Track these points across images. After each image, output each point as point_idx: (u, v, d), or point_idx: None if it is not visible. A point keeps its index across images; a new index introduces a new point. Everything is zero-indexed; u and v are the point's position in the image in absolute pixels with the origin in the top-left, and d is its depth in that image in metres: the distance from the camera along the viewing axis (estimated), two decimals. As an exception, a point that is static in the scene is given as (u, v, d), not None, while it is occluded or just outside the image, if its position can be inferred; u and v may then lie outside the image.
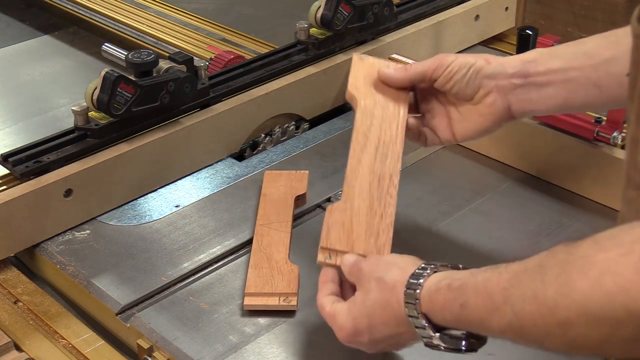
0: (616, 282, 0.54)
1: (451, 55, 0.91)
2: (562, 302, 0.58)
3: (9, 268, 1.03)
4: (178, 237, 1.05)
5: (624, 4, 1.85)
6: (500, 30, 1.54)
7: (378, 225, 0.84)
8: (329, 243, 0.83)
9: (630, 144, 0.65)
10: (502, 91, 0.89)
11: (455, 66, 0.90)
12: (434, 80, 0.91)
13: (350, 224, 0.84)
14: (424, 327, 0.71)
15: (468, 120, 0.91)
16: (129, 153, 1.10)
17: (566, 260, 0.59)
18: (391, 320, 0.74)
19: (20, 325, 0.93)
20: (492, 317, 0.64)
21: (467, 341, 0.71)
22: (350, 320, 0.77)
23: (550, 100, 0.88)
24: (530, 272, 0.61)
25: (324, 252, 0.83)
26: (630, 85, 0.64)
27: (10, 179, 1.06)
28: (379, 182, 0.87)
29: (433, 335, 0.70)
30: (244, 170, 1.19)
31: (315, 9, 1.30)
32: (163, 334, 0.90)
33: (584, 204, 1.09)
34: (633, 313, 0.54)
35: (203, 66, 1.18)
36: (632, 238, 0.56)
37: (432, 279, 0.71)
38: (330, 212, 0.85)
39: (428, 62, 0.92)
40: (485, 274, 0.66)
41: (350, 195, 0.86)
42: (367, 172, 0.88)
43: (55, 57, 1.63)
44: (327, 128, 1.30)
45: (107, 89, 1.05)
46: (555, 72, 0.87)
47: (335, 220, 0.84)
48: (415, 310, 0.71)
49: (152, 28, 1.56)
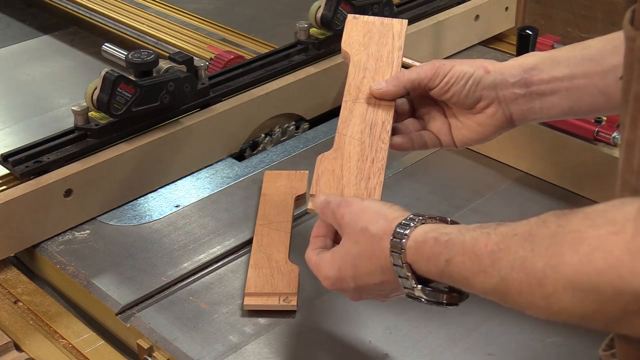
0: (606, 260, 0.54)
1: (447, 64, 0.87)
2: (550, 274, 0.58)
3: (9, 268, 1.03)
4: (178, 237, 1.05)
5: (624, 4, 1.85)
6: (500, 30, 1.54)
7: (369, 170, 0.83)
8: (318, 189, 0.81)
9: (625, 147, 0.65)
10: (504, 102, 0.86)
11: (453, 76, 0.86)
12: (430, 89, 0.88)
13: (341, 171, 0.83)
14: (407, 277, 0.70)
15: (468, 129, 0.88)
16: (129, 153, 1.10)
17: (557, 232, 0.59)
18: (376, 270, 0.73)
19: (20, 325, 0.93)
20: (476, 277, 0.64)
21: (448, 295, 0.71)
22: (336, 269, 0.76)
23: (554, 109, 0.86)
24: (519, 238, 0.61)
25: (314, 200, 0.81)
26: (623, 88, 0.64)
27: (10, 179, 1.06)
28: (370, 129, 0.86)
29: (415, 286, 0.70)
30: (244, 170, 1.19)
31: (315, 9, 1.30)
32: (163, 334, 0.90)
33: (583, 204, 1.08)
34: (620, 291, 0.54)
35: (203, 66, 1.18)
36: (623, 216, 0.55)
37: (419, 229, 0.71)
38: (320, 160, 0.84)
39: (423, 69, 0.87)
40: (473, 232, 0.66)
41: (341, 143, 0.85)
42: (358, 121, 0.87)
43: (55, 57, 1.63)
44: (327, 128, 1.30)
45: (107, 89, 1.05)
46: (560, 79, 0.84)
47: (325, 168, 0.83)
48: (400, 260, 0.70)
49: (152, 28, 1.56)
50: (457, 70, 0.86)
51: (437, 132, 0.90)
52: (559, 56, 0.86)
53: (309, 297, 0.94)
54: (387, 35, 0.95)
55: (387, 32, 0.95)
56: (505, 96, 0.86)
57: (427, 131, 0.90)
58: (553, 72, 0.85)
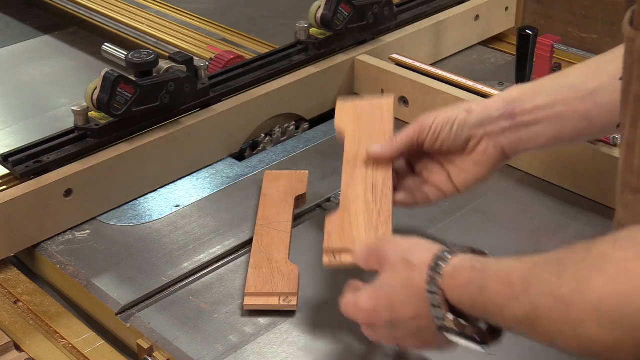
0: (631, 283, 0.53)
1: (430, 116, 0.91)
2: (576, 299, 0.57)
3: (9, 268, 1.03)
4: (178, 237, 1.05)
5: (623, 4, 1.85)
6: (500, 30, 1.54)
7: (376, 221, 0.86)
8: (331, 244, 0.85)
9: (625, 148, 0.65)
10: (492, 136, 0.89)
11: (438, 125, 0.90)
12: (421, 143, 0.91)
13: (350, 225, 0.86)
14: (439, 305, 0.69)
15: (466, 171, 0.91)
16: (129, 153, 1.10)
17: (584, 257, 0.58)
18: (411, 301, 0.73)
19: (20, 325, 0.93)
20: (509, 305, 0.63)
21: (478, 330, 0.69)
22: (372, 301, 0.76)
23: (541, 138, 0.88)
24: (549, 265, 0.61)
25: (328, 254, 0.84)
26: (623, 89, 0.64)
27: (10, 179, 1.06)
28: (372, 188, 0.90)
29: (446, 315, 0.69)
30: (244, 170, 1.19)
31: (315, 9, 1.30)
32: (163, 334, 0.90)
33: (584, 204, 1.09)
34: None
35: (203, 66, 1.18)
36: None
37: (457, 258, 0.71)
38: (329, 219, 0.87)
39: (410, 129, 0.91)
40: (508, 261, 0.65)
41: (346, 204, 0.89)
42: (360, 183, 0.91)
43: (55, 57, 1.62)
44: (327, 128, 1.30)
45: (107, 89, 1.05)
46: (542, 108, 0.87)
47: (334, 227, 0.86)
48: (435, 286, 0.70)
49: (152, 28, 1.56)
50: (441, 119, 0.90)
51: (437, 184, 0.92)
52: (541, 86, 0.89)
53: (309, 297, 0.94)
54: (377, 111, 1.01)
55: (376, 108, 1.01)
56: (492, 131, 0.88)
57: (428, 185, 0.93)
58: (535, 102, 0.88)
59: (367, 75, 1.32)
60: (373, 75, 1.31)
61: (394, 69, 1.30)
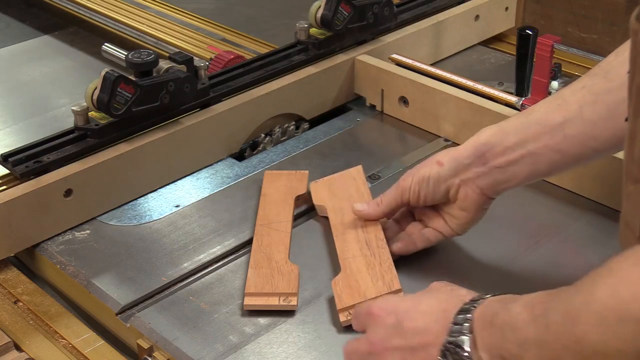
0: (631, 291, 0.53)
1: (407, 178, 0.94)
2: (583, 311, 0.57)
3: (9, 268, 1.03)
4: (178, 237, 1.05)
5: (623, 4, 1.85)
6: (500, 30, 1.54)
7: (380, 270, 0.92)
8: (343, 302, 0.88)
9: (628, 138, 0.66)
10: (469, 182, 0.91)
11: (416, 185, 0.93)
12: (406, 203, 0.96)
13: (356, 282, 0.90)
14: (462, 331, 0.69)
15: (456, 217, 0.94)
16: (129, 153, 1.10)
17: (594, 272, 0.59)
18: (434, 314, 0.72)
19: (20, 325, 0.93)
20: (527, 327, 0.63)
21: None
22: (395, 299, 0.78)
23: (517, 177, 0.89)
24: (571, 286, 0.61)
25: (343, 312, 0.88)
26: (629, 81, 0.65)
27: (10, 179, 1.06)
28: (367, 244, 0.96)
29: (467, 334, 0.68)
30: (244, 170, 1.19)
31: (315, 9, 1.30)
32: (163, 334, 0.90)
33: (584, 204, 1.09)
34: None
35: (203, 66, 1.18)
36: None
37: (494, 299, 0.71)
38: (335, 283, 0.91)
39: (392, 193, 0.96)
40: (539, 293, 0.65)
41: (347, 265, 0.94)
42: (354, 243, 0.97)
43: (55, 57, 1.62)
44: (327, 128, 1.30)
45: (107, 89, 1.05)
46: (512, 149, 0.88)
47: (342, 287, 0.90)
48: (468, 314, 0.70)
49: (152, 28, 1.56)
50: (417, 178, 0.93)
51: (437, 228, 0.96)
52: (507, 127, 0.90)
53: (309, 297, 0.94)
54: (349, 181, 1.08)
55: (348, 179, 1.09)
56: (468, 177, 0.91)
57: (428, 229, 0.96)
58: (504, 144, 0.88)
59: (367, 75, 1.32)
60: (373, 75, 1.31)
61: (394, 69, 1.30)
